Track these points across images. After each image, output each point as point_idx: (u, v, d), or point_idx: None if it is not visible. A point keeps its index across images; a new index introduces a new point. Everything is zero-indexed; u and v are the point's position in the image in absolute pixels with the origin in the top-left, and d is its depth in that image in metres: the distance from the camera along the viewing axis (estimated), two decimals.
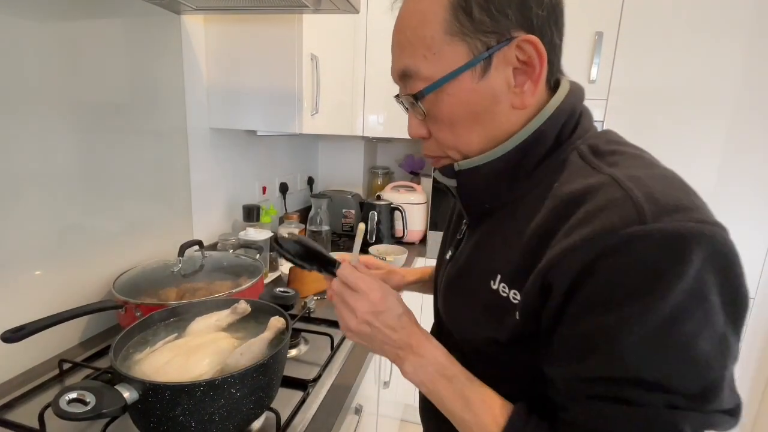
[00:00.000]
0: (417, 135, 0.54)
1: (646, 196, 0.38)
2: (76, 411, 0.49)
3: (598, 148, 0.47)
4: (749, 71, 1.56)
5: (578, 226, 0.40)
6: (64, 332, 0.92)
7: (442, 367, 0.51)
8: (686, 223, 0.36)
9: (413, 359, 0.52)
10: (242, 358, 0.64)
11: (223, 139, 1.41)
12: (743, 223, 1.67)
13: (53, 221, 0.88)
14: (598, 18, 1.65)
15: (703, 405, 0.38)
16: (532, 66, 0.46)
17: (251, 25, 1.21)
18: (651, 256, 0.36)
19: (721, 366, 0.38)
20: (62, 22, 0.85)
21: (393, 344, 0.53)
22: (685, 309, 0.36)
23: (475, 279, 0.54)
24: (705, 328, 0.37)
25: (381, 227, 1.80)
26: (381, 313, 0.53)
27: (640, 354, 0.37)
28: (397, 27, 0.50)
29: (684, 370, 0.37)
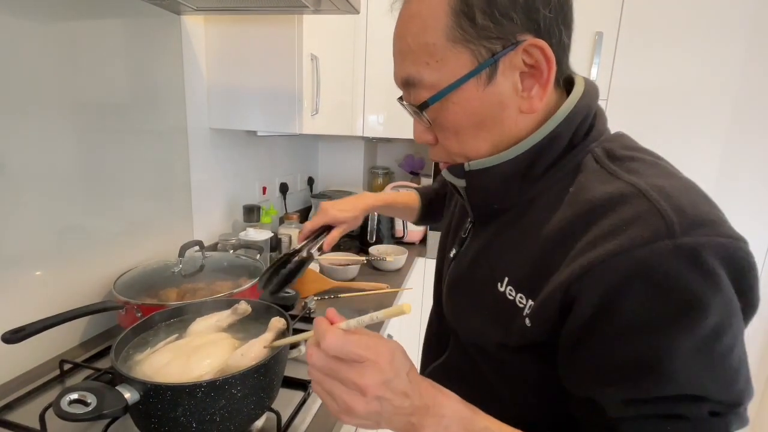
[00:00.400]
0: (423, 141, 0.53)
1: (674, 208, 0.37)
2: (78, 412, 0.49)
3: (614, 153, 0.46)
4: (748, 70, 1.57)
5: (604, 239, 0.39)
6: (65, 333, 0.92)
7: (468, 422, 0.43)
8: (715, 238, 0.36)
9: (432, 422, 0.42)
10: (243, 358, 0.64)
11: (224, 139, 1.41)
12: (742, 223, 1.66)
13: (53, 222, 0.88)
14: (598, 18, 1.65)
15: (739, 407, 0.40)
16: (540, 70, 0.45)
17: (251, 25, 1.21)
18: (685, 273, 0.36)
19: (747, 369, 0.40)
20: (62, 23, 0.85)
21: (404, 412, 0.41)
22: (723, 323, 0.37)
23: (481, 280, 0.53)
24: (738, 339, 0.39)
25: (381, 227, 1.80)
26: (393, 380, 0.40)
27: (686, 373, 0.38)
28: (398, 33, 0.49)
29: (723, 380, 0.39)
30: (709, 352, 0.38)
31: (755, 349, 1.76)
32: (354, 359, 0.39)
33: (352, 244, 1.87)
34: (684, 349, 0.37)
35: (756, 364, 1.77)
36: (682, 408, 0.39)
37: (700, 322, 0.36)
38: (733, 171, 1.65)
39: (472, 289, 0.55)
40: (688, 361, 0.37)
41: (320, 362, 0.40)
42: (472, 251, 0.56)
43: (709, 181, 1.67)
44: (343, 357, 0.39)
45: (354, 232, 2.00)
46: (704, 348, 0.37)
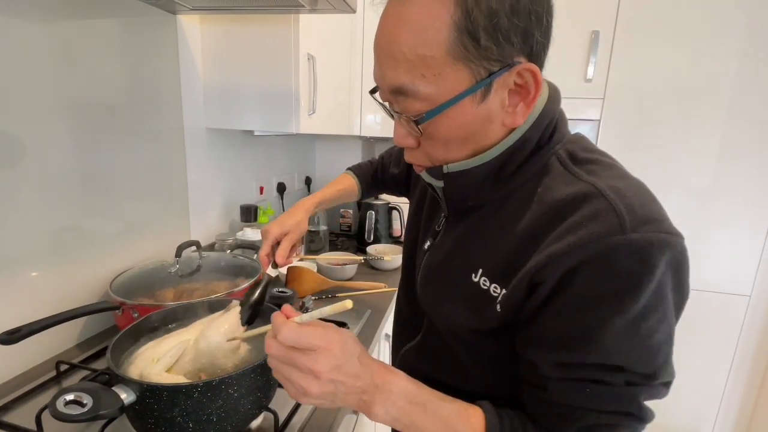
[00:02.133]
0: (405, 145, 0.54)
1: (627, 207, 0.43)
2: (73, 413, 0.49)
3: (576, 156, 0.51)
4: (745, 69, 1.57)
5: (567, 233, 0.45)
6: (62, 334, 0.92)
7: (413, 396, 0.49)
8: (657, 234, 0.43)
9: (381, 398, 0.48)
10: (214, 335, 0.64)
11: (220, 139, 1.41)
12: (738, 222, 1.67)
13: (50, 222, 0.87)
14: (594, 17, 1.66)
15: (653, 381, 0.46)
16: (527, 90, 0.47)
17: (248, 25, 1.20)
18: (628, 262, 0.42)
19: (669, 350, 0.47)
20: (57, 23, 0.84)
21: (356, 391, 0.47)
22: (651, 307, 0.44)
23: (456, 271, 0.57)
24: (662, 322, 0.45)
25: (378, 227, 1.80)
26: (344, 364, 0.46)
27: (612, 345, 0.44)
28: (388, 36, 0.47)
29: (643, 356, 0.45)
30: (635, 331, 0.44)
31: (751, 345, 1.77)
32: (308, 347, 0.45)
33: (349, 244, 1.88)
34: (614, 326, 0.44)
35: (752, 361, 1.78)
36: (603, 375, 0.46)
37: (632, 305, 0.43)
38: (729, 168, 1.65)
39: (448, 279, 0.58)
40: (615, 336, 0.44)
41: (278, 352, 0.46)
42: (447, 243, 0.60)
43: (704, 178, 1.67)
44: (298, 346, 0.45)
45: (351, 231, 2.00)
46: (631, 327, 0.44)
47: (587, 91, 1.72)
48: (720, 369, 1.81)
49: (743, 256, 1.70)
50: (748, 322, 1.75)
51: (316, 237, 1.67)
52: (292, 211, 0.94)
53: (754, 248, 1.68)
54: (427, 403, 0.50)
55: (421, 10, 0.44)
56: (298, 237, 0.91)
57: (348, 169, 1.09)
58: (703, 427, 1.88)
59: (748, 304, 1.73)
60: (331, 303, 1.26)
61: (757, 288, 1.71)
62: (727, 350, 1.79)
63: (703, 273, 1.74)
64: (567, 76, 1.72)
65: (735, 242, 1.69)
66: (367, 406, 0.48)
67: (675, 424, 1.90)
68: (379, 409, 0.48)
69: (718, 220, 1.69)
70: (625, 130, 1.72)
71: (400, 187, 1.01)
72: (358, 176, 1.07)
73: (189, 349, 0.64)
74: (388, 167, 1.02)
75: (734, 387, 1.82)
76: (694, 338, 1.80)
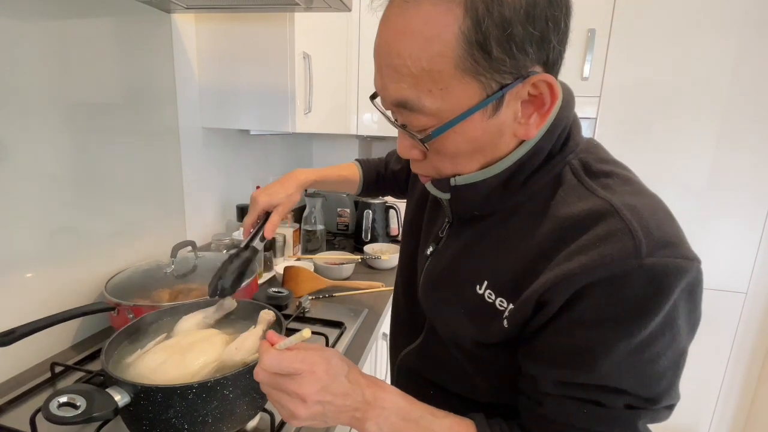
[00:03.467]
0: (410, 157, 0.51)
1: (643, 229, 0.41)
2: (67, 415, 0.49)
3: (591, 168, 0.48)
4: (741, 67, 1.57)
5: (579, 253, 0.43)
6: (56, 335, 0.91)
7: (405, 412, 0.49)
8: (674, 259, 0.41)
9: (373, 414, 0.48)
10: (237, 353, 0.64)
11: (216, 138, 1.40)
12: (734, 219, 1.68)
13: (45, 223, 0.87)
14: (590, 15, 1.66)
15: (655, 405, 0.45)
16: (541, 101, 0.44)
17: (243, 23, 1.20)
18: (641, 288, 0.41)
19: (674, 374, 0.45)
20: (51, 22, 0.84)
21: (348, 409, 0.47)
22: (659, 332, 0.42)
23: (460, 281, 0.55)
24: (669, 348, 0.43)
25: (376, 226, 1.80)
26: (330, 385, 0.46)
27: (615, 368, 0.43)
28: (390, 47, 0.43)
29: (646, 381, 0.44)
30: (640, 356, 0.43)
31: (748, 342, 1.77)
32: (291, 372, 0.45)
33: (347, 243, 1.87)
34: (618, 350, 0.42)
35: (748, 358, 1.79)
36: (602, 396, 0.45)
37: (640, 331, 0.41)
38: (725, 166, 1.66)
39: (451, 287, 0.57)
40: (618, 359, 0.43)
41: (264, 379, 0.47)
42: (451, 250, 0.58)
43: (700, 176, 1.68)
44: (282, 372, 0.45)
45: (349, 230, 2.00)
46: (636, 351, 0.43)
47: (583, 89, 1.72)
48: (717, 365, 1.82)
49: (739, 252, 1.71)
50: (745, 319, 1.76)
51: (313, 236, 1.66)
52: (284, 181, 0.87)
53: (750, 245, 1.69)
54: (420, 420, 0.49)
55: (426, 19, 0.40)
56: (289, 210, 0.85)
57: (356, 160, 1.03)
58: (701, 423, 1.89)
59: (744, 301, 1.74)
60: (328, 303, 1.25)
61: (753, 284, 1.72)
62: (723, 347, 1.80)
63: None
64: (563, 74, 1.68)
65: (731, 239, 1.70)
66: (360, 423, 0.48)
67: (672, 420, 1.89)
68: (371, 426, 0.48)
69: (714, 217, 1.70)
70: (622, 128, 1.72)
71: (400, 185, 0.97)
72: (363, 170, 1.01)
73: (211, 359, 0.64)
74: (390, 164, 0.99)
75: (731, 383, 1.83)
76: None
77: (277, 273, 1.39)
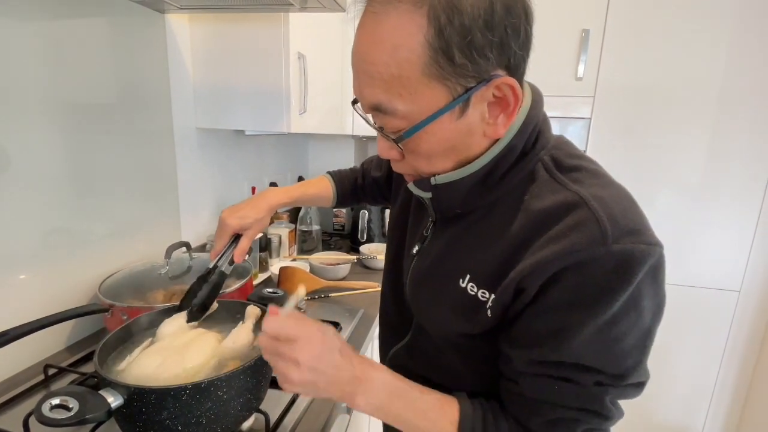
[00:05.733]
0: (389, 158, 0.54)
1: (610, 218, 0.44)
2: (59, 417, 0.49)
3: (561, 163, 0.52)
4: (734, 67, 1.59)
5: (551, 242, 0.46)
6: (50, 337, 0.91)
7: (393, 387, 0.53)
8: (638, 245, 0.44)
9: (362, 389, 0.52)
10: (235, 345, 0.66)
11: (211, 138, 1.40)
12: (727, 218, 1.69)
13: (38, 224, 0.86)
14: (584, 15, 1.66)
15: (621, 382, 0.48)
16: (506, 102, 0.47)
17: (237, 24, 1.19)
18: (608, 272, 0.44)
19: (641, 353, 0.48)
20: (45, 22, 0.83)
21: (338, 382, 0.51)
22: (624, 313, 0.45)
23: (444, 277, 0.57)
24: (634, 327, 0.46)
25: (372, 226, 1.80)
26: (324, 355, 0.50)
27: (583, 347, 0.47)
28: (364, 55, 0.47)
29: (612, 358, 0.47)
30: (606, 335, 0.46)
31: (741, 340, 1.79)
32: (290, 337, 0.49)
33: (342, 243, 1.87)
34: (586, 330, 0.46)
35: (742, 354, 1.80)
36: (572, 374, 0.48)
37: (606, 311, 0.45)
38: (718, 166, 1.67)
39: (436, 284, 0.59)
40: (586, 338, 0.46)
41: (265, 343, 0.51)
42: (435, 248, 0.60)
43: (694, 175, 1.69)
44: (281, 337, 0.50)
45: (345, 231, 2.00)
46: (603, 331, 0.46)
47: (578, 89, 1.73)
48: (710, 364, 1.83)
49: (732, 251, 1.72)
50: (738, 317, 1.77)
51: (309, 237, 1.66)
52: (255, 203, 0.85)
53: (743, 244, 1.70)
54: (407, 395, 0.53)
55: (394, 29, 0.43)
56: (258, 233, 0.85)
57: (327, 173, 1.03)
58: (694, 422, 1.90)
59: (737, 300, 1.75)
60: (324, 303, 1.25)
61: (746, 283, 1.73)
62: (717, 345, 1.81)
63: (693, 269, 1.76)
64: (558, 74, 1.72)
65: (724, 238, 1.71)
66: (350, 397, 0.51)
67: (666, 419, 1.92)
68: (360, 400, 0.51)
69: (708, 216, 1.71)
70: (616, 127, 1.73)
71: (382, 191, 0.97)
72: (336, 183, 1.01)
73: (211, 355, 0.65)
74: (369, 172, 0.99)
75: (725, 382, 1.84)
76: (684, 334, 1.82)
77: (273, 273, 1.39)
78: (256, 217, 0.82)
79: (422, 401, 0.54)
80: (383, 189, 0.96)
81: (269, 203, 0.87)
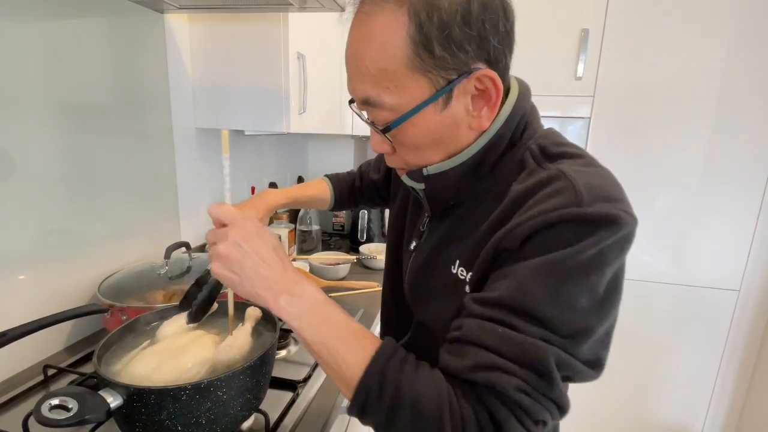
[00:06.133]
0: (382, 151, 0.57)
1: (586, 186, 0.46)
2: (58, 417, 0.48)
3: (548, 151, 0.53)
4: (733, 66, 1.58)
5: (532, 207, 0.47)
6: (49, 337, 0.91)
7: (321, 301, 0.50)
8: (612, 210, 0.44)
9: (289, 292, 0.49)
10: (232, 350, 0.65)
11: (210, 138, 1.39)
12: (727, 217, 1.69)
13: (37, 224, 0.86)
14: (584, 15, 1.66)
15: (568, 346, 0.44)
16: (489, 94, 0.50)
17: (236, 23, 1.19)
18: (577, 229, 0.44)
19: (593, 321, 0.45)
20: (43, 22, 0.83)
21: (264, 276, 0.49)
22: (583, 273, 0.44)
23: (439, 268, 0.58)
24: (592, 291, 0.44)
25: (371, 226, 1.80)
26: (254, 240, 0.50)
27: (537, 294, 0.44)
28: (354, 52, 0.51)
29: (564, 315, 0.44)
30: (561, 286, 0.44)
31: (740, 340, 1.79)
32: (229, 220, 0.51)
33: (342, 243, 1.87)
34: (542, 276, 0.44)
35: (741, 355, 1.80)
36: (518, 321, 0.45)
37: (568, 264, 0.44)
38: (718, 165, 1.67)
39: (432, 276, 0.60)
40: (544, 287, 0.44)
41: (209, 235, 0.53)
42: (431, 243, 0.62)
43: (694, 174, 1.69)
44: (222, 219, 0.52)
45: (344, 230, 2.00)
46: (559, 282, 0.44)
47: (578, 89, 1.73)
48: (710, 363, 1.83)
49: (732, 251, 1.72)
50: (738, 317, 1.77)
51: (309, 237, 1.66)
52: (254, 204, 0.86)
53: (743, 243, 1.70)
54: (331, 313, 0.50)
55: (380, 27, 0.47)
56: None
57: (325, 176, 1.04)
58: (694, 421, 1.90)
59: (737, 299, 1.75)
60: None
61: (746, 283, 1.73)
62: (717, 345, 1.81)
63: (692, 268, 1.76)
64: (557, 74, 1.72)
65: (724, 237, 1.71)
66: (273, 295, 0.49)
67: (666, 418, 1.92)
68: (283, 301, 0.49)
69: (707, 215, 1.71)
70: (616, 127, 1.73)
71: (380, 193, 0.98)
72: (333, 185, 1.02)
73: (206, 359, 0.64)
74: (367, 174, 1.00)
75: (724, 382, 1.84)
76: (684, 333, 1.82)
77: None
78: (257, 217, 0.84)
79: (344, 321, 0.50)
80: (382, 190, 0.97)
81: (268, 204, 0.88)
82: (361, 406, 0.46)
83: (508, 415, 0.43)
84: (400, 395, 0.45)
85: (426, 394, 0.45)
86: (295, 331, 0.49)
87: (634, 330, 1.84)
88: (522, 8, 0.51)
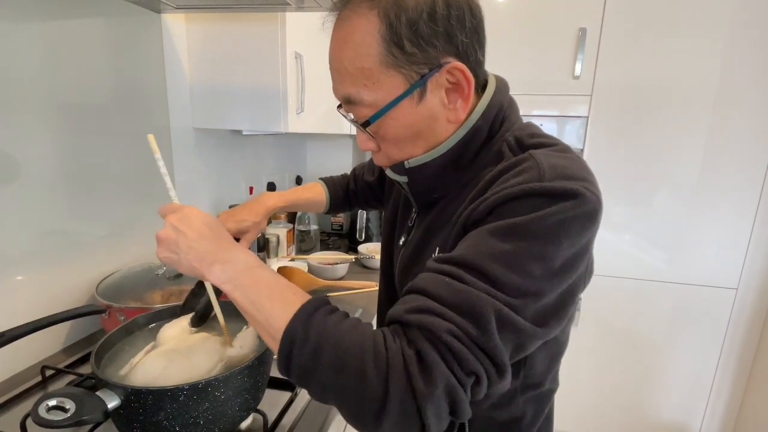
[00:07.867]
0: (367, 149, 0.60)
1: (550, 165, 0.48)
2: (56, 418, 0.48)
3: (523, 142, 0.55)
4: (731, 65, 1.59)
5: (499, 185, 0.50)
6: (47, 338, 0.91)
7: (253, 265, 0.51)
8: (574, 185, 0.46)
9: (222, 260, 0.51)
10: (242, 350, 0.66)
11: (208, 138, 1.39)
12: (724, 216, 1.69)
13: (34, 225, 0.86)
14: (581, 14, 1.66)
15: (513, 305, 0.44)
16: (461, 87, 0.53)
17: (234, 23, 1.19)
18: (539, 202, 0.46)
19: (544, 288, 0.46)
20: (41, 23, 0.83)
21: (199, 249, 0.51)
22: (539, 240, 0.45)
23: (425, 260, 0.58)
24: (544, 259, 0.45)
25: (370, 225, 1.80)
26: (189, 220, 0.53)
27: (490, 253, 0.45)
28: (333, 54, 0.54)
29: (512, 277, 0.44)
30: (515, 250, 0.45)
31: (738, 340, 1.79)
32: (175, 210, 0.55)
33: (341, 243, 1.87)
34: (497, 242, 0.46)
35: (739, 355, 1.81)
36: (469, 276, 0.45)
37: (523, 230, 0.45)
38: (716, 164, 1.67)
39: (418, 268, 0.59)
40: (495, 247, 0.45)
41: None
42: (417, 236, 0.64)
43: (692, 173, 1.69)
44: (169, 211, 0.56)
45: (343, 230, 2.00)
46: (511, 247, 0.45)
47: (575, 88, 1.73)
48: (708, 362, 1.84)
49: (730, 249, 1.72)
50: (735, 315, 1.77)
51: (307, 237, 1.66)
52: (252, 207, 0.87)
53: (740, 241, 1.70)
54: (261, 274, 0.51)
55: (355, 29, 0.51)
56: (256, 237, 0.87)
57: (320, 179, 1.05)
58: (692, 420, 1.91)
59: (735, 297, 1.76)
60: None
61: (744, 281, 1.73)
62: (715, 343, 1.82)
63: (690, 267, 1.76)
64: (555, 73, 1.72)
65: (721, 236, 1.71)
66: (207, 266, 0.51)
67: (664, 417, 1.92)
68: (216, 269, 0.51)
69: (705, 214, 1.71)
70: (613, 126, 1.73)
71: (376, 194, 0.99)
72: (329, 189, 1.03)
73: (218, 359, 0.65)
74: (361, 176, 1.01)
75: (722, 380, 1.84)
76: (682, 332, 1.82)
77: None
78: (254, 221, 0.85)
79: (275, 282, 0.50)
80: (376, 192, 0.98)
81: (266, 206, 0.89)
82: (286, 354, 0.45)
83: (436, 358, 0.42)
84: (324, 339, 0.44)
85: (349, 337, 0.44)
86: (228, 295, 0.50)
87: (632, 328, 1.85)
88: (519, 8, 0.52)
